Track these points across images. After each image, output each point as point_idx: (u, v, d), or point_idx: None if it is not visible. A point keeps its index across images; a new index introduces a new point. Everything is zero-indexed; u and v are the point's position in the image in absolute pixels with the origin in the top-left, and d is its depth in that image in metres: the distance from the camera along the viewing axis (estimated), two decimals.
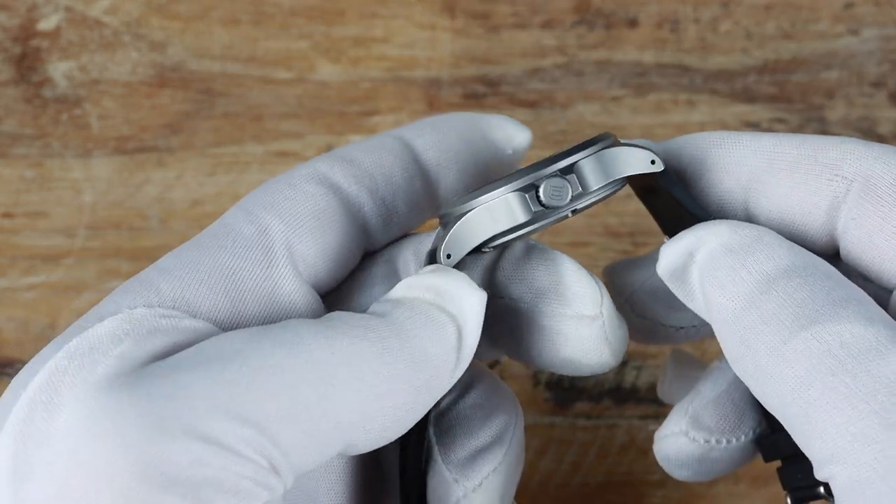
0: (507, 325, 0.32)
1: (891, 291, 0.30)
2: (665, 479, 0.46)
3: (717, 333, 0.29)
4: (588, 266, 0.51)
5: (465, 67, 0.50)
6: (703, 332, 0.34)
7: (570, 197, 0.30)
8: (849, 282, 0.28)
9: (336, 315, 0.28)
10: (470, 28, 0.51)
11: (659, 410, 0.46)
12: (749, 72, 0.50)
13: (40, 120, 0.50)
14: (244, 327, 0.29)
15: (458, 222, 0.30)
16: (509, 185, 0.30)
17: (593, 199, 0.31)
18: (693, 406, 0.33)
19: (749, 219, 0.32)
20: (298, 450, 0.26)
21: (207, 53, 0.51)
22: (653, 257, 0.33)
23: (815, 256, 0.29)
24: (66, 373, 0.26)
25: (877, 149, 0.30)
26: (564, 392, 0.47)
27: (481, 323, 0.29)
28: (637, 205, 0.49)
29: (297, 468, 0.26)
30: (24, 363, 0.49)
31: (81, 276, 0.48)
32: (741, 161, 0.31)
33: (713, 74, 0.50)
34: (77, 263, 0.48)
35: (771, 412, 0.28)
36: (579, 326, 0.31)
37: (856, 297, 0.28)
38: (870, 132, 0.49)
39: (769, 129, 0.49)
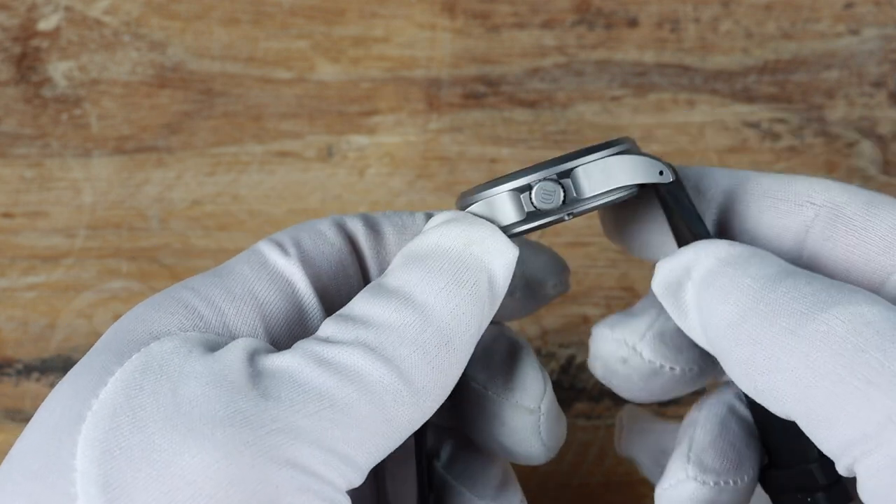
0: (462, 400, 0.34)
1: None
2: None
3: (716, 348, 0.29)
4: (588, 266, 0.51)
5: (465, 67, 0.50)
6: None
7: (560, 202, 0.30)
8: None
9: (379, 331, 0.29)
10: (470, 28, 0.51)
11: (658, 411, 0.46)
12: (749, 72, 0.50)
13: (40, 120, 0.50)
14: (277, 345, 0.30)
15: (470, 209, 0.31)
16: (507, 184, 0.30)
17: (592, 205, 0.31)
18: (693, 452, 0.33)
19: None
20: (370, 462, 0.28)
21: (207, 53, 0.51)
22: (647, 304, 0.34)
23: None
24: (142, 389, 0.27)
25: (841, 183, 0.32)
26: (564, 392, 0.47)
27: (514, 263, 0.30)
28: None
29: (366, 472, 0.28)
30: (23, 363, 0.49)
31: (81, 276, 0.48)
32: (716, 182, 0.33)
33: (713, 74, 0.50)
34: (77, 263, 0.48)
35: (783, 415, 0.28)
36: (515, 415, 0.33)
37: (864, 290, 0.28)
38: (870, 132, 0.49)
39: (769, 130, 0.49)
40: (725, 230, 0.33)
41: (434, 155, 0.50)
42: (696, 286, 0.30)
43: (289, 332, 0.31)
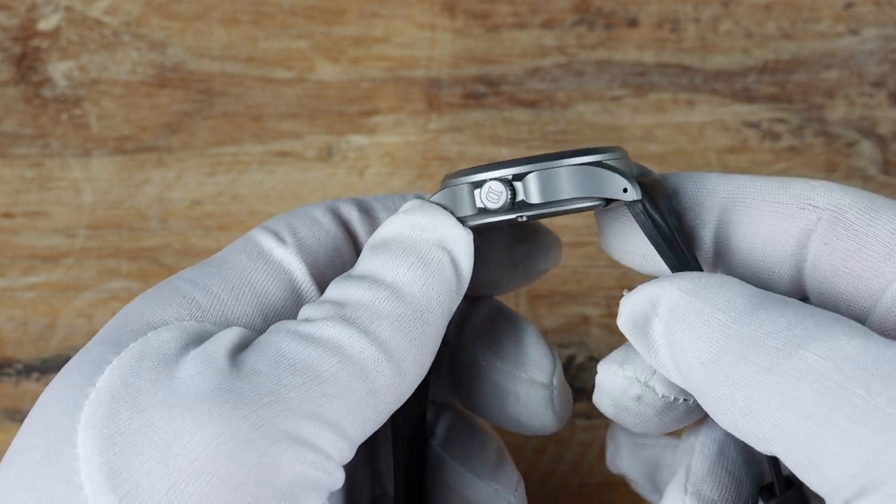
0: (465, 376, 0.34)
1: (862, 321, 0.30)
2: None
3: (692, 386, 0.29)
4: (588, 266, 0.51)
5: (465, 67, 0.50)
6: None
7: (507, 204, 0.30)
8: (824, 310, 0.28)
9: (359, 311, 0.29)
10: (470, 28, 0.51)
11: None
12: (749, 72, 0.50)
13: (40, 120, 0.50)
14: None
15: (436, 194, 0.31)
16: (468, 177, 0.30)
17: (542, 212, 0.30)
18: (691, 482, 0.32)
19: (717, 252, 0.32)
20: (360, 434, 0.28)
21: (207, 53, 0.51)
22: None
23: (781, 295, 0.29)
24: (139, 375, 0.27)
25: (842, 185, 0.31)
26: None
27: (471, 244, 0.30)
28: None
29: (356, 446, 0.29)
30: (23, 363, 0.49)
31: (81, 276, 0.48)
32: (714, 190, 0.32)
33: (713, 74, 0.50)
34: (77, 263, 0.48)
35: (768, 453, 0.27)
36: (530, 390, 0.33)
37: (841, 317, 0.27)
38: (870, 132, 0.49)
39: (769, 130, 0.49)
40: (725, 238, 0.32)
41: (434, 155, 0.50)
42: (664, 322, 0.29)
43: None
